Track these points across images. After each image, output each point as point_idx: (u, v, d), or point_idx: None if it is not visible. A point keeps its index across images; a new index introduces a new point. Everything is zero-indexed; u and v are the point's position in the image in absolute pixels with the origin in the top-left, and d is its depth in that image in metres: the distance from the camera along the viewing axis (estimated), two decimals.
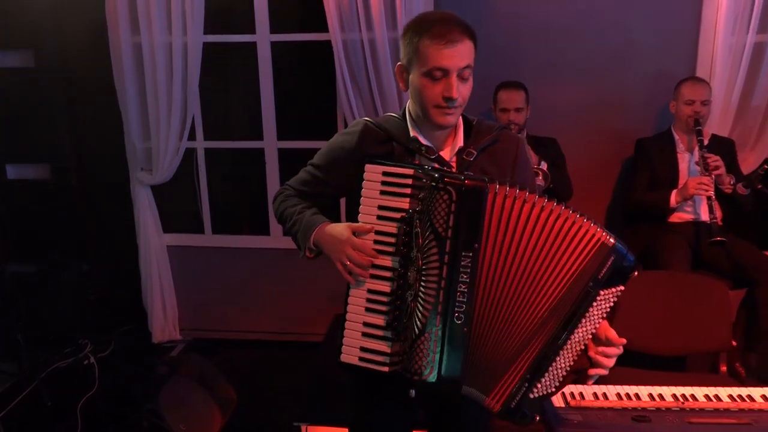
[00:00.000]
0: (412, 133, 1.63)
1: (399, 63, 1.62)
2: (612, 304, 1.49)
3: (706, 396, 1.81)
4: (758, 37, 3.25)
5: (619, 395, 1.81)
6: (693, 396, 1.81)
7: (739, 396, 1.81)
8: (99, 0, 3.48)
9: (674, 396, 1.81)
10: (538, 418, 1.53)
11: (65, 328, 3.77)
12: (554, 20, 3.41)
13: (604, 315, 1.50)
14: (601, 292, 1.47)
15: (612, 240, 1.47)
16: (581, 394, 1.81)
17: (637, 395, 1.82)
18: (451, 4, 3.43)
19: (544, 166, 3.03)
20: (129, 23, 3.48)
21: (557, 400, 1.78)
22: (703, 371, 2.80)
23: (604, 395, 1.81)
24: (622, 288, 1.49)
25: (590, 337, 1.50)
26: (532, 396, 1.50)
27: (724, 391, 1.83)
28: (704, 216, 3.16)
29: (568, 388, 1.83)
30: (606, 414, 1.73)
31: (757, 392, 1.82)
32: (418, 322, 1.50)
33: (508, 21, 3.44)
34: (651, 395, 1.82)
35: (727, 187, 3.03)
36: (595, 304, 1.48)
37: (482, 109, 3.42)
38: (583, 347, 1.50)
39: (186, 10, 3.42)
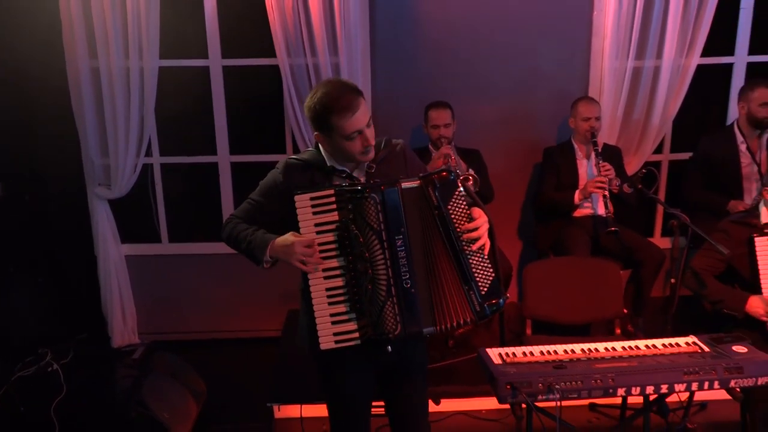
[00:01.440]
0: (329, 163, 2.10)
1: (316, 134, 2.07)
2: (463, 201, 1.97)
3: (606, 348, 2.38)
4: (636, 63, 3.92)
5: (542, 352, 2.34)
6: (596, 349, 2.37)
7: (629, 347, 2.39)
8: (52, 18, 3.59)
9: (582, 350, 2.37)
10: (504, 299, 2.01)
11: (23, 339, 3.82)
12: (475, 50, 3.94)
13: (467, 211, 1.98)
14: (448, 207, 1.96)
15: (417, 180, 1.96)
16: (513, 353, 2.32)
17: (555, 351, 2.35)
18: (387, 36, 3.88)
19: (472, 172, 3.54)
20: (87, 48, 3.63)
21: (496, 359, 2.29)
22: (603, 334, 3.41)
23: (531, 353, 2.34)
24: (460, 188, 1.99)
25: (471, 229, 1.97)
26: (484, 292, 1.99)
27: (618, 344, 2.41)
28: (600, 210, 3.78)
29: (504, 350, 2.34)
30: (533, 366, 2.25)
31: (641, 343, 2.41)
32: (379, 297, 1.97)
33: (436, 51, 3.93)
34: (565, 350, 2.36)
35: (615, 187, 3.64)
36: (452, 213, 1.96)
37: (414, 126, 3.92)
38: (474, 237, 1.98)
39: (142, 37, 3.64)
